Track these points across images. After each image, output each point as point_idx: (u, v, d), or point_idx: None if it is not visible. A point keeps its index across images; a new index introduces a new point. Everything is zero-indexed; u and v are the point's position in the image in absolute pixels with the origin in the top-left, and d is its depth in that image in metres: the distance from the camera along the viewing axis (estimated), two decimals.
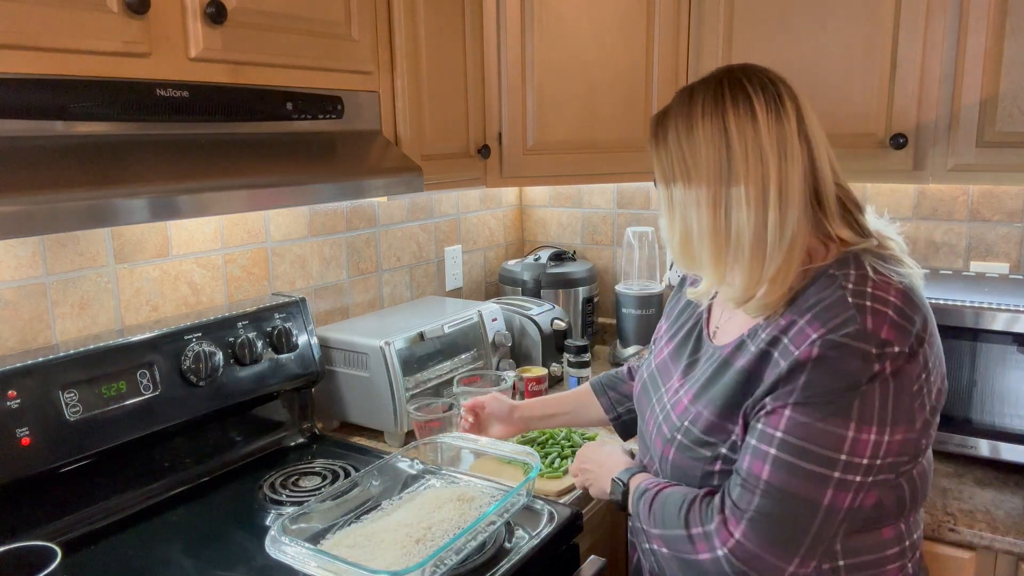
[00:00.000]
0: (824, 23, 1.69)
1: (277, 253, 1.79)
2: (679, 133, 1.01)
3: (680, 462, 1.07)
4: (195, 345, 1.46)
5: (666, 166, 1.03)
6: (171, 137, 1.14)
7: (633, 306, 2.21)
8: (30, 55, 0.97)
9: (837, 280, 0.96)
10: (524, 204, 2.63)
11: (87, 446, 1.30)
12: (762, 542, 0.93)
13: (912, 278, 1.00)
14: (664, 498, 1.05)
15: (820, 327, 0.93)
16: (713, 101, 0.99)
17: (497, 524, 1.24)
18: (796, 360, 0.93)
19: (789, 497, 0.92)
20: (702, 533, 0.98)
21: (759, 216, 0.97)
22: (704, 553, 0.97)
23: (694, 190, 1.00)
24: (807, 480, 0.92)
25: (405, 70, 1.54)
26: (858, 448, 0.91)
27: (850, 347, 0.91)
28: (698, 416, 1.06)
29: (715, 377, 1.06)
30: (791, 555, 0.93)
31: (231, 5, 1.18)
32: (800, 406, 0.93)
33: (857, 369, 0.90)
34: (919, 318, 0.95)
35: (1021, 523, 1.37)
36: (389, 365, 1.66)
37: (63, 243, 1.40)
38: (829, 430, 0.91)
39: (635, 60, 1.89)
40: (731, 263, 1.00)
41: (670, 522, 1.02)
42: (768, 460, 0.94)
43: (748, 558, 0.93)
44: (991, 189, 1.88)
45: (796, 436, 0.92)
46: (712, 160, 0.98)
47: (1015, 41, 1.52)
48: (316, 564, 1.10)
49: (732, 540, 0.94)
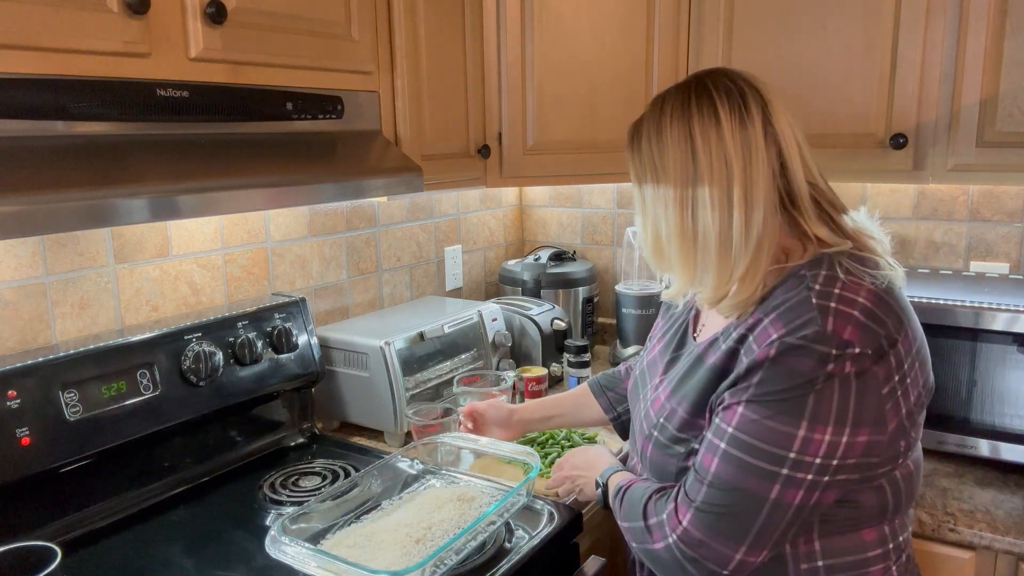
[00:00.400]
0: (824, 23, 1.69)
1: (277, 253, 1.79)
2: (650, 138, 1.05)
3: (657, 458, 1.10)
4: (195, 345, 1.46)
5: (639, 170, 1.07)
6: (171, 137, 1.14)
7: (633, 306, 2.21)
8: (30, 55, 0.97)
9: (805, 281, 0.98)
10: (524, 204, 2.63)
11: (87, 446, 1.30)
12: (707, 531, 0.97)
13: (890, 280, 1.00)
14: (631, 493, 1.10)
15: (781, 327, 0.95)
16: (680, 107, 1.03)
17: (497, 524, 1.24)
18: (754, 359, 0.96)
19: (735, 490, 0.95)
20: (656, 523, 1.02)
21: (724, 217, 1.00)
22: (659, 542, 1.01)
23: (662, 192, 1.04)
24: (753, 475, 0.94)
25: (405, 70, 1.54)
26: (810, 447, 0.92)
27: (806, 348, 0.92)
28: (672, 413, 1.08)
29: (690, 374, 1.09)
30: (737, 544, 0.96)
31: (231, 5, 1.18)
32: (752, 403, 0.95)
33: (810, 369, 0.92)
34: (891, 320, 0.95)
35: (1021, 523, 1.37)
36: (389, 365, 1.66)
37: (63, 243, 1.40)
38: (778, 428, 0.93)
39: (635, 60, 1.89)
40: (699, 263, 1.03)
41: (632, 515, 1.07)
42: (718, 454, 0.97)
43: (695, 545, 0.97)
44: (991, 189, 1.88)
45: (746, 432, 0.95)
46: (679, 163, 1.02)
47: (1015, 41, 1.52)
48: (316, 564, 1.10)
49: (680, 527, 0.99)
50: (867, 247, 1.04)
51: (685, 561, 0.98)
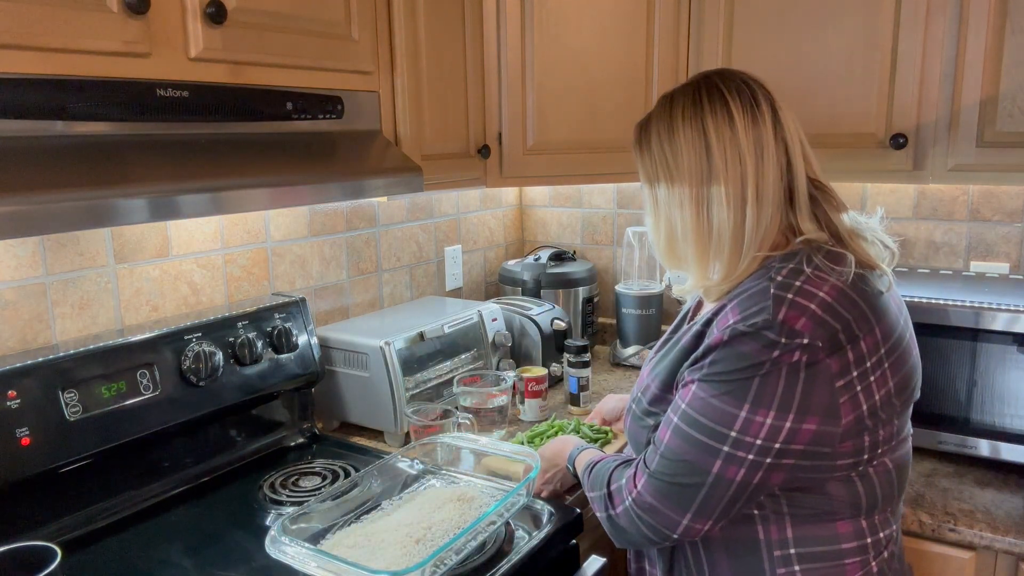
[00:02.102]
0: (824, 23, 1.69)
1: (277, 253, 1.79)
2: (661, 138, 1.07)
3: (632, 430, 1.18)
4: (195, 345, 1.46)
5: (650, 169, 1.09)
6: (171, 137, 1.14)
7: (633, 306, 2.21)
8: (30, 55, 0.97)
9: (770, 272, 1.01)
10: (524, 204, 2.63)
11: (87, 446, 1.30)
12: (657, 496, 1.04)
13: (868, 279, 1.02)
14: (599, 467, 1.18)
15: (738, 314, 0.99)
16: (692, 106, 1.05)
17: (497, 524, 1.24)
18: (710, 343, 1.01)
19: (682, 462, 1.01)
20: (616, 488, 1.10)
21: (738, 214, 1.03)
22: (619, 506, 1.09)
23: (677, 191, 1.05)
24: (698, 449, 1.00)
25: (405, 70, 1.54)
26: (751, 428, 0.97)
27: (753, 335, 0.96)
28: (647, 388, 1.14)
29: (667, 354, 1.14)
30: (683, 511, 1.02)
31: (231, 5, 1.18)
32: (703, 383, 1.01)
33: (755, 353, 0.96)
34: (853, 316, 0.98)
35: (1021, 523, 1.37)
36: (389, 365, 1.66)
37: (63, 243, 1.40)
38: (722, 408, 0.98)
39: (635, 60, 1.89)
40: (713, 259, 1.06)
41: (597, 484, 1.15)
42: (671, 427, 1.03)
43: (646, 508, 1.04)
44: (991, 189, 1.88)
45: (694, 409, 1.01)
46: (693, 162, 1.04)
47: (1015, 41, 1.52)
48: (316, 564, 1.10)
49: (635, 491, 1.06)
50: (853, 247, 1.05)
51: (639, 522, 1.05)
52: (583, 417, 1.77)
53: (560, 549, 1.33)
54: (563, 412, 1.90)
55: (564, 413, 1.89)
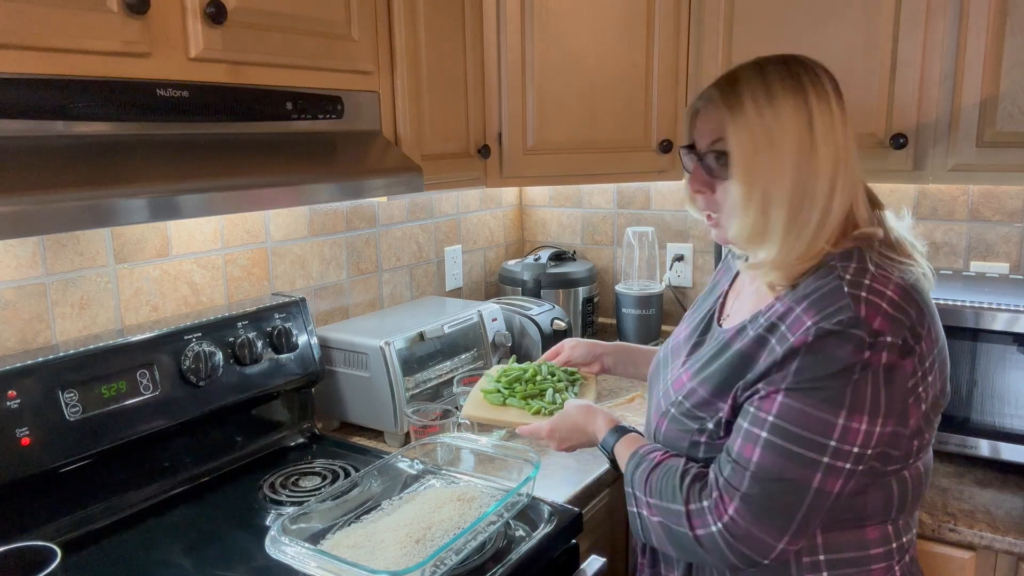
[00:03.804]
0: (824, 23, 1.69)
1: (277, 253, 1.79)
2: (758, 103, 1.01)
3: (670, 433, 1.12)
4: (195, 345, 1.46)
5: (744, 134, 1.01)
6: (171, 137, 1.14)
7: (633, 306, 2.21)
8: (30, 55, 0.97)
9: (836, 271, 0.99)
10: (524, 204, 2.63)
11: (87, 446, 1.30)
12: (753, 520, 0.96)
13: (917, 277, 1.02)
14: (664, 471, 1.08)
15: (815, 314, 0.96)
16: (790, 77, 1.02)
17: (497, 524, 1.24)
18: (790, 346, 0.96)
19: (779, 479, 0.95)
20: (698, 509, 1.01)
21: (830, 191, 1.00)
22: (699, 529, 1.00)
23: (779, 157, 1.00)
24: (797, 463, 0.95)
25: (405, 70, 1.54)
26: (848, 436, 0.93)
27: (842, 334, 0.93)
28: (692, 392, 1.10)
29: (715, 358, 1.09)
30: (782, 533, 0.96)
31: (231, 5, 1.18)
32: (792, 391, 0.95)
33: (848, 355, 0.93)
34: (915, 315, 0.96)
35: (1021, 523, 1.37)
36: (389, 365, 1.66)
37: (63, 243, 1.40)
38: (819, 416, 0.94)
39: (635, 60, 1.89)
40: (799, 232, 1.01)
41: (667, 495, 1.05)
42: (759, 443, 0.97)
43: (740, 534, 0.97)
44: (991, 189, 1.88)
45: (787, 421, 0.95)
46: (795, 132, 1.00)
47: (1015, 41, 1.52)
48: (316, 564, 1.10)
49: (726, 516, 0.98)
50: (896, 243, 1.05)
51: (728, 550, 0.98)
52: None
53: (560, 549, 1.33)
54: None
55: None
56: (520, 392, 1.44)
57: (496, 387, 1.47)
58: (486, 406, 1.44)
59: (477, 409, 1.44)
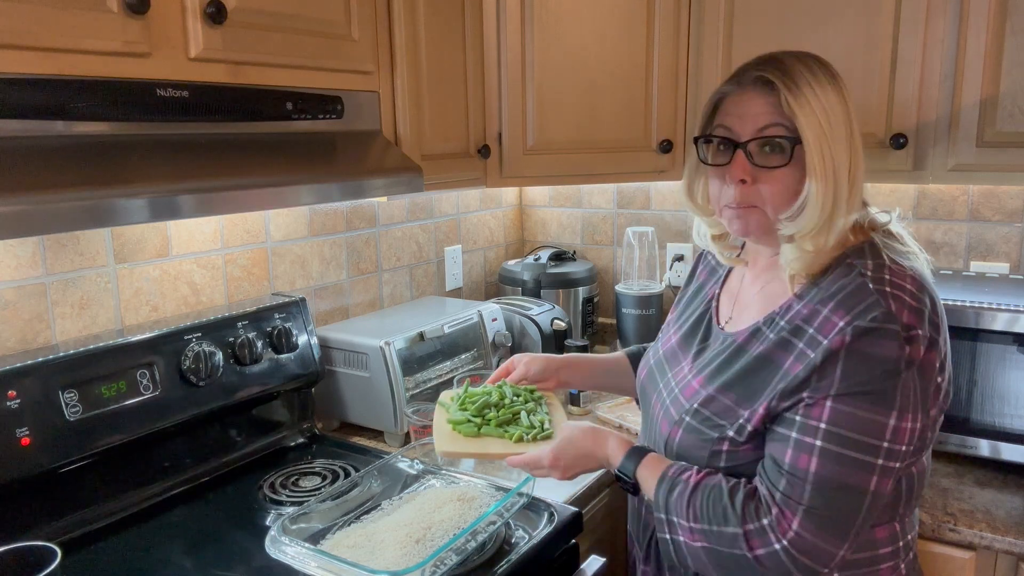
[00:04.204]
0: (824, 23, 1.69)
1: (277, 253, 1.79)
2: (814, 88, 0.99)
3: (686, 443, 1.08)
4: (195, 345, 1.46)
5: (813, 116, 0.99)
6: (171, 137, 1.14)
7: (633, 306, 2.21)
8: (30, 55, 0.97)
9: (856, 268, 0.99)
10: (524, 204, 2.63)
11: (87, 446, 1.30)
12: (818, 531, 0.94)
13: (922, 266, 1.04)
14: (706, 493, 1.02)
15: (845, 314, 0.95)
16: (825, 70, 1.02)
17: (497, 524, 1.24)
18: (829, 349, 0.95)
19: (839, 486, 0.94)
20: (757, 529, 0.97)
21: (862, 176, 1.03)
22: (760, 548, 0.96)
23: (840, 144, 1.00)
24: (855, 468, 0.94)
25: (405, 70, 1.54)
26: (899, 435, 0.94)
27: (879, 331, 0.93)
28: (709, 399, 1.07)
29: (728, 363, 1.07)
30: (843, 540, 0.95)
31: (231, 5, 1.18)
32: (841, 396, 0.94)
33: (890, 352, 0.93)
34: (929, 303, 0.98)
35: (1021, 523, 1.37)
36: (389, 365, 1.66)
37: (63, 243, 1.40)
38: (871, 418, 0.93)
39: (635, 60, 1.89)
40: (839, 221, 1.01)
41: (717, 518, 1.00)
42: (815, 452, 0.95)
43: (806, 547, 0.95)
44: (991, 189, 1.88)
45: (840, 426, 0.94)
46: (845, 118, 1.00)
47: (1015, 41, 1.52)
48: (316, 564, 1.10)
49: (791, 532, 0.95)
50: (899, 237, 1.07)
51: (792, 566, 0.95)
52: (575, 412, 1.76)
53: (560, 549, 1.33)
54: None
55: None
56: (494, 419, 1.29)
57: (465, 416, 1.30)
58: (460, 439, 1.27)
59: (452, 444, 1.27)
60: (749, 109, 1.03)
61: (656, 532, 1.07)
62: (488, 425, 1.28)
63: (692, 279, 1.34)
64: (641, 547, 1.23)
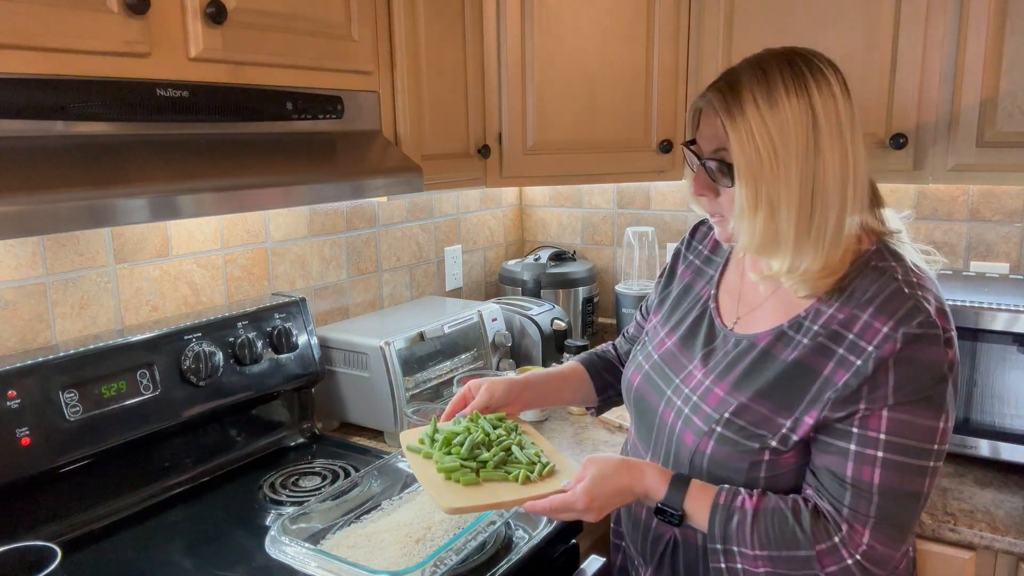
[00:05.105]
0: (824, 23, 1.69)
1: (277, 253, 1.79)
2: (760, 109, 0.97)
3: (721, 455, 1.05)
4: (195, 345, 1.47)
5: (747, 142, 0.97)
6: (171, 137, 1.14)
7: (633, 306, 2.21)
8: (30, 55, 0.97)
9: (887, 272, 0.99)
10: (524, 204, 2.63)
11: (87, 446, 1.30)
12: (887, 540, 0.97)
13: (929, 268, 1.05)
14: (769, 518, 1.00)
15: (888, 319, 0.95)
16: (793, 78, 0.97)
17: (497, 524, 1.24)
18: (879, 358, 0.95)
19: (903, 494, 0.96)
20: (830, 548, 0.97)
21: (842, 192, 0.98)
22: (832, 566, 0.97)
23: (783, 166, 0.97)
24: (913, 474, 0.96)
25: (405, 70, 1.54)
26: (944, 437, 0.96)
27: (926, 336, 0.94)
28: (743, 408, 1.04)
29: (756, 368, 1.05)
30: (904, 543, 0.99)
31: (231, 5, 1.18)
32: (899, 406, 0.95)
33: (940, 357, 0.94)
34: (944, 301, 1.00)
35: (1021, 523, 1.37)
36: (389, 365, 1.66)
37: (63, 243, 1.40)
38: (926, 424, 0.95)
39: (635, 60, 1.89)
40: (813, 240, 0.98)
41: (787, 543, 0.98)
42: (877, 463, 0.96)
43: (878, 558, 0.97)
44: (991, 189, 1.88)
45: (899, 435, 0.95)
46: (801, 137, 0.96)
47: (1015, 41, 1.52)
48: (316, 564, 1.10)
49: (863, 546, 0.97)
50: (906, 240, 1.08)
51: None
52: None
53: (560, 549, 1.34)
54: (563, 412, 1.90)
55: (564, 413, 1.89)
56: (490, 460, 1.15)
57: (457, 462, 1.14)
58: (464, 491, 1.11)
59: (459, 499, 1.09)
60: (705, 130, 1.05)
61: (710, 563, 1.03)
62: (486, 468, 1.14)
63: (673, 279, 1.31)
64: (645, 554, 1.21)
